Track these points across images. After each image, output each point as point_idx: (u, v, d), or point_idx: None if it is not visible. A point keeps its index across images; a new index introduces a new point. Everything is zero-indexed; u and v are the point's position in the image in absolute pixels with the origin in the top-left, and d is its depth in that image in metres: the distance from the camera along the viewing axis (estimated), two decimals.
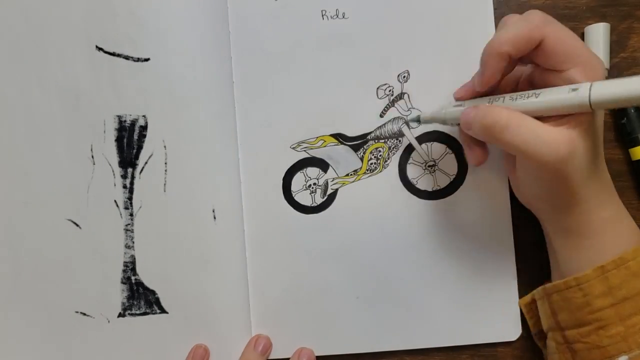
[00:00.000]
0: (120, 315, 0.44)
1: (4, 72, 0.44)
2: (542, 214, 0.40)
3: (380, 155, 0.45)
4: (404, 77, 0.44)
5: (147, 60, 0.44)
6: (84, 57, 0.44)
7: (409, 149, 0.45)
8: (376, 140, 0.45)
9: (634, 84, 0.30)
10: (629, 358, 0.35)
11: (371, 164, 0.45)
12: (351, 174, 0.45)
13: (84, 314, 0.44)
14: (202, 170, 0.44)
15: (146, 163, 0.44)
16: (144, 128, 0.44)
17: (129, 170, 0.44)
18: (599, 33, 0.43)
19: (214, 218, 0.44)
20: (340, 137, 0.45)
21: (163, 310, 0.44)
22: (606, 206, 0.37)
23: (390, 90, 0.44)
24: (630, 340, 0.35)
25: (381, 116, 0.45)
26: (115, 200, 0.44)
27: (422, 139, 0.45)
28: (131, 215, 0.44)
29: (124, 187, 0.44)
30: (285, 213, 0.45)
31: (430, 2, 0.44)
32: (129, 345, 0.44)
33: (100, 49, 0.44)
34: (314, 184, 0.45)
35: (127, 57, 0.44)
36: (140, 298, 0.44)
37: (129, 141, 0.44)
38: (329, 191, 0.45)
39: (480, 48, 0.44)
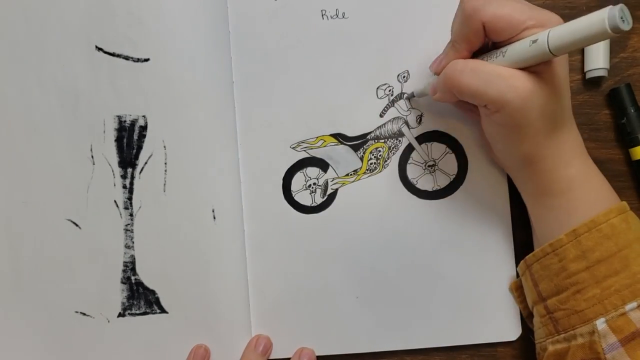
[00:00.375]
0: (120, 315, 0.44)
1: (4, 72, 0.44)
2: (513, 172, 0.40)
3: (380, 155, 0.45)
4: (404, 77, 0.44)
5: (146, 60, 0.44)
6: (83, 58, 0.44)
7: (409, 148, 0.45)
8: (376, 140, 0.45)
9: (586, 22, 0.30)
10: (606, 320, 0.35)
11: (371, 163, 0.45)
12: (351, 174, 0.45)
13: (84, 314, 0.44)
14: (202, 170, 0.44)
15: (146, 163, 0.44)
16: (143, 128, 0.44)
17: (129, 170, 0.44)
18: None
19: (214, 218, 0.44)
20: (340, 137, 0.45)
21: (163, 310, 0.44)
22: (573, 164, 0.37)
23: (390, 90, 0.44)
24: (606, 302, 0.35)
25: (381, 116, 0.45)
26: (115, 201, 0.44)
27: (421, 138, 0.45)
28: (131, 215, 0.44)
29: (124, 187, 0.44)
30: (285, 213, 0.45)
31: (430, 1, 0.44)
32: (129, 345, 0.44)
33: (100, 49, 0.44)
34: (314, 183, 0.45)
35: (126, 58, 0.44)
36: (140, 298, 0.44)
37: (129, 141, 0.44)
38: (329, 191, 0.45)
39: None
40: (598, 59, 0.43)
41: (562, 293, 0.37)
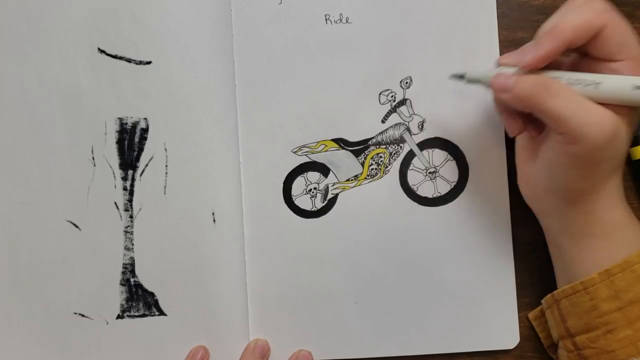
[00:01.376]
0: (119, 316, 0.44)
1: (6, 74, 0.44)
2: (553, 210, 0.38)
3: (381, 161, 0.45)
4: (407, 83, 0.44)
5: (148, 63, 0.44)
6: (85, 60, 0.44)
7: (410, 155, 0.45)
8: (377, 146, 0.45)
9: None
10: None
11: (372, 169, 0.45)
12: (352, 179, 0.45)
13: (83, 315, 0.44)
14: (203, 173, 0.44)
15: (147, 165, 0.44)
16: (145, 130, 0.44)
17: (130, 172, 0.44)
18: None
19: (214, 221, 0.44)
20: (341, 142, 0.45)
21: (162, 313, 0.44)
22: (617, 208, 0.37)
23: (392, 96, 0.44)
24: (639, 344, 0.35)
25: (383, 122, 0.44)
26: (115, 202, 0.44)
27: (423, 145, 0.44)
28: (131, 217, 0.44)
29: (124, 189, 0.44)
30: (285, 217, 0.45)
31: (433, 8, 0.44)
32: (128, 347, 0.44)
33: (102, 51, 0.44)
34: (315, 188, 0.45)
35: (129, 60, 0.44)
36: (139, 300, 0.44)
37: (130, 143, 0.44)
38: (329, 196, 0.45)
39: (483, 54, 0.44)
40: None
41: (592, 331, 0.36)
